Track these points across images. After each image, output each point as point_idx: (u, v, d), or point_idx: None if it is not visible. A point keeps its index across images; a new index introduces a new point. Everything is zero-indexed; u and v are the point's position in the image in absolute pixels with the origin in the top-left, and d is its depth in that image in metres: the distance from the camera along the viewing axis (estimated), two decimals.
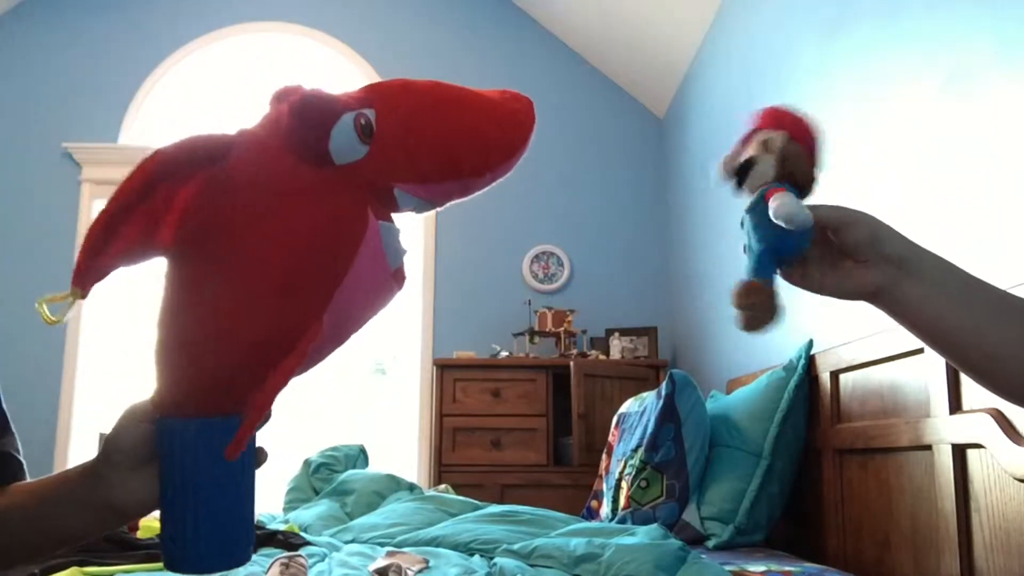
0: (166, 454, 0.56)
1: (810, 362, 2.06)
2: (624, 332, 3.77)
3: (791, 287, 0.70)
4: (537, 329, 3.70)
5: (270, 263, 0.52)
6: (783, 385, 2.05)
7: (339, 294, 0.54)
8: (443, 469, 3.37)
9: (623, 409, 2.54)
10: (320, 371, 0.62)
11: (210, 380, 0.54)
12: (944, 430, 1.43)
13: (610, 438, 2.54)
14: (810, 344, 2.09)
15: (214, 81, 4.30)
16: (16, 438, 0.72)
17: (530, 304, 3.87)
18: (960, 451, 1.39)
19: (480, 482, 3.30)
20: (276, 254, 0.52)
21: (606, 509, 2.34)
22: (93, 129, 4.16)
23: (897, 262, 0.66)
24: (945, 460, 1.42)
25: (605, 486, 2.43)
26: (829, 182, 2.15)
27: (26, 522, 0.62)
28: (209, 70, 4.31)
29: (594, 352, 3.67)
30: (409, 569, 1.44)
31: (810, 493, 2.06)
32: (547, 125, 4.70)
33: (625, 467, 2.21)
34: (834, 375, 1.94)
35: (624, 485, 2.16)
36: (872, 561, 1.72)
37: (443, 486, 2.67)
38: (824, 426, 1.98)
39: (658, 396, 2.20)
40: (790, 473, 2.05)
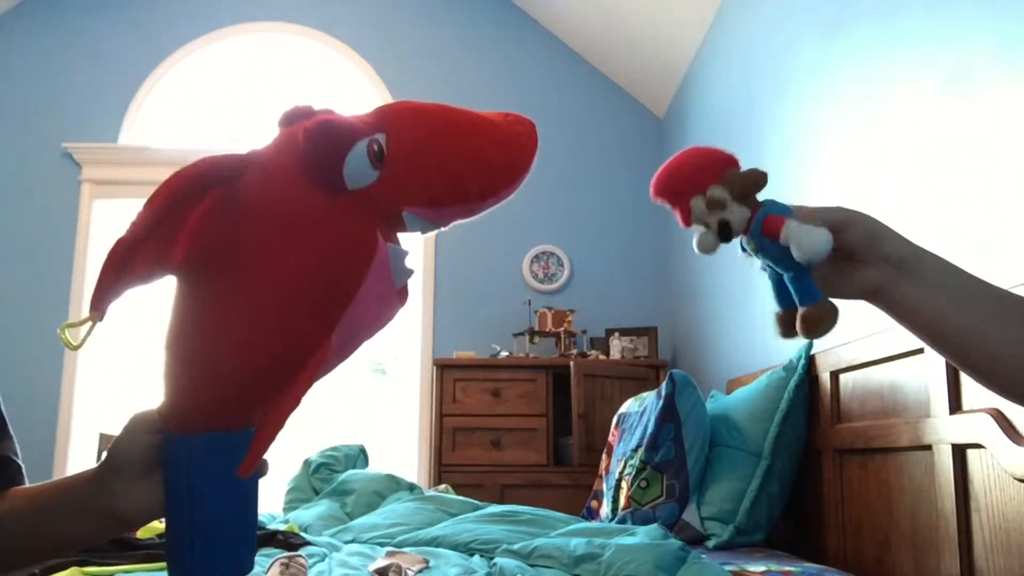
0: (173, 467, 0.57)
1: (810, 362, 2.06)
2: (624, 332, 3.77)
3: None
4: (537, 329, 3.70)
5: (282, 285, 0.54)
6: (783, 385, 2.05)
7: (347, 314, 0.55)
8: (443, 469, 3.37)
9: (623, 409, 2.54)
10: None
11: (220, 397, 0.55)
12: (944, 430, 1.43)
13: (610, 438, 2.54)
14: (810, 344, 2.09)
15: (214, 81, 4.30)
16: (15, 441, 0.72)
17: (530, 304, 3.87)
18: (960, 451, 1.39)
19: (480, 482, 3.30)
20: (288, 276, 0.54)
21: (606, 509, 2.34)
22: (93, 129, 4.16)
23: (896, 263, 0.66)
24: (945, 460, 1.42)
25: (605, 486, 2.43)
26: (830, 182, 2.16)
27: (26, 527, 0.62)
28: (209, 70, 4.31)
29: (594, 352, 3.67)
30: (409, 569, 1.44)
31: (810, 493, 2.06)
32: (547, 125, 4.68)
33: (625, 467, 2.21)
34: (834, 375, 1.94)
35: (624, 485, 2.16)
36: (872, 561, 1.72)
37: (443, 486, 2.66)
38: (824, 426, 1.98)
39: (658, 396, 2.20)
40: (790, 473, 2.05)
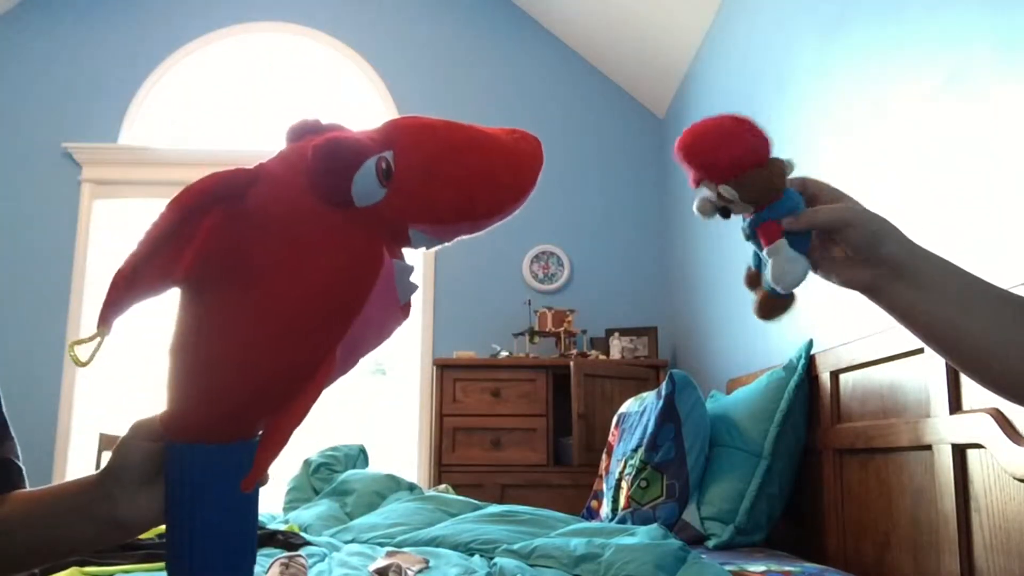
0: (174, 476, 0.57)
1: (810, 362, 2.06)
2: (624, 332, 3.77)
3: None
4: (537, 329, 3.70)
5: (289, 299, 0.54)
6: (783, 385, 2.05)
7: (352, 329, 0.56)
8: (443, 469, 3.37)
9: (623, 409, 2.54)
10: None
11: (224, 408, 0.56)
12: (944, 430, 1.43)
13: (610, 438, 2.54)
14: (810, 344, 2.09)
15: (214, 81, 4.30)
16: (16, 444, 0.72)
17: (530, 304, 3.87)
18: (960, 451, 1.39)
19: (480, 482, 3.30)
20: (295, 291, 0.54)
21: (606, 509, 2.34)
22: (93, 129, 4.16)
23: (893, 264, 0.66)
24: (945, 460, 1.42)
25: (605, 486, 2.43)
26: (829, 182, 2.16)
27: (27, 531, 0.62)
28: (209, 70, 4.31)
29: (594, 352, 3.67)
30: (409, 569, 1.44)
31: (810, 493, 2.06)
32: (547, 125, 4.69)
33: (625, 467, 2.21)
34: (834, 375, 1.94)
35: (624, 485, 2.16)
36: (872, 561, 1.72)
37: (443, 486, 2.66)
38: (824, 426, 1.98)
39: (658, 396, 2.20)
40: (790, 473, 2.05)
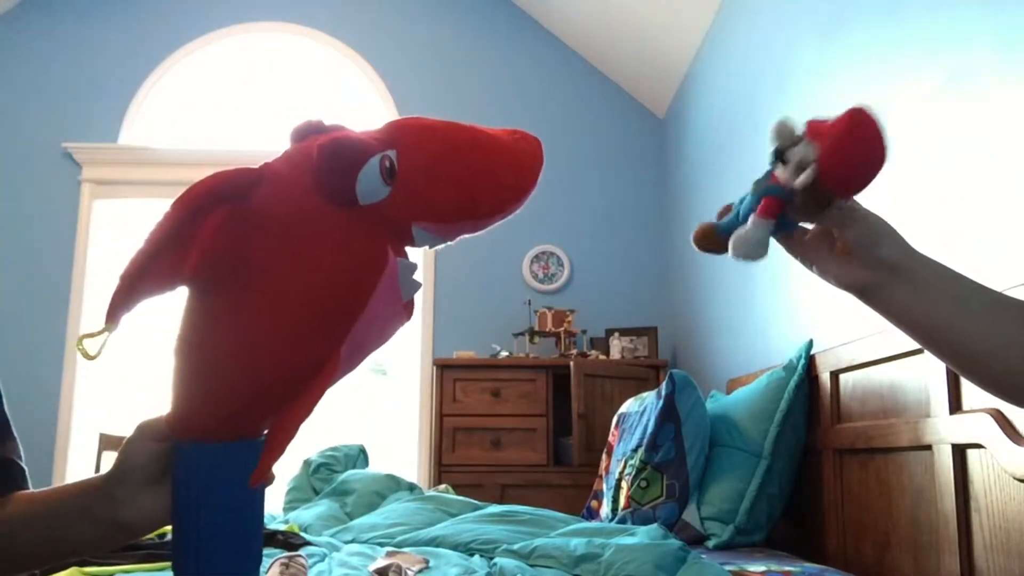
0: (181, 475, 0.57)
1: (810, 362, 2.06)
2: (624, 332, 3.77)
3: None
4: (537, 329, 3.70)
5: (294, 298, 0.54)
6: (783, 385, 2.05)
7: (356, 327, 0.56)
8: (443, 469, 3.37)
9: (623, 409, 2.54)
10: None
11: (230, 407, 0.56)
12: (944, 430, 1.43)
13: (610, 438, 2.54)
14: (810, 344, 2.09)
15: (214, 81, 4.30)
16: (18, 444, 0.72)
17: (530, 304, 3.87)
18: (960, 451, 1.39)
19: (480, 482, 3.30)
20: (299, 289, 0.54)
21: (606, 509, 2.34)
22: (93, 129, 4.16)
23: (890, 266, 0.67)
24: (945, 460, 1.42)
25: (605, 486, 2.43)
26: None
27: (31, 534, 0.62)
28: (209, 70, 4.31)
29: (594, 352, 3.67)
30: (409, 569, 1.44)
31: (810, 493, 2.06)
32: (547, 125, 4.68)
33: (625, 467, 2.21)
34: (834, 375, 1.94)
35: (624, 485, 2.16)
36: (872, 561, 1.72)
37: (443, 486, 2.66)
38: (824, 426, 1.98)
39: (658, 396, 2.20)
40: (790, 473, 2.05)
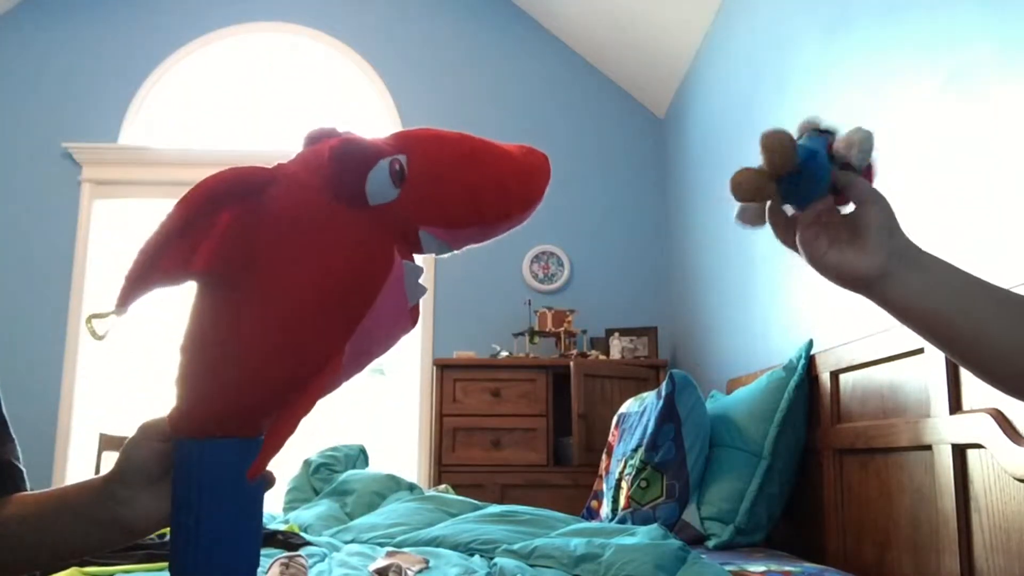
0: (182, 472, 0.57)
1: (810, 362, 2.06)
2: (624, 332, 3.77)
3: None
4: (537, 329, 3.69)
5: (299, 294, 0.55)
6: (783, 385, 2.05)
7: (361, 327, 0.57)
8: (443, 469, 3.37)
9: (623, 409, 2.54)
10: None
11: (233, 404, 0.56)
12: (944, 430, 1.43)
13: (610, 438, 2.54)
14: (810, 344, 2.09)
15: (214, 81, 4.30)
16: (16, 445, 0.72)
17: (530, 304, 3.87)
18: (960, 451, 1.39)
19: (480, 482, 3.30)
20: (306, 286, 0.55)
21: (606, 509, 2.34)
22: (93, 129, 4.16)
23: (900, 253, 0.65)
24: (945, 460, 1.42)
25: (605, 486, 2.43)
26: None
27: (31, 534, 0.62)
28: (209, 70, 4.31)
29: (594, 352, 3.67)
30: (409, 569, 1.44)
31: (810, 493, 2.06)
32: (547, 125, 4.67)
33: (625, 467, 2.21)
34: (834, 375, 1.94)
35: (624, 485, 2.16)
36: (872, 561, 1.72)
37: (443, 486, 2.66)
38: (824, 426, 1.98)
39: (658, 396, 2.20)
40: (790, 473, 2.05)
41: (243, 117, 4.26)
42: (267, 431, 0.56)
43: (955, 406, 1.42)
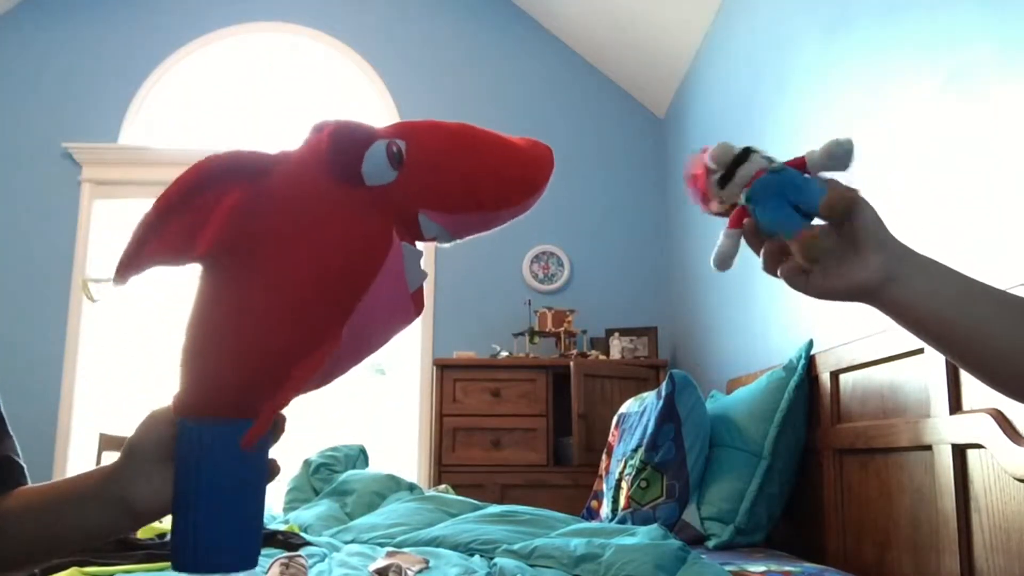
0: (183, 453, 0.58)
1: (810, 362, 2.06)
2: (624, 332, 3.77)
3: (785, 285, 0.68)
4: (537, 329, 3.69)
5: (298, 274, 0.55)
6: (783, 385, 2.05)
7: (359, 308, 0.56)
8: (443, 469, 3.37)
9: (623, 409, 2.54)
10: None
11: (232, 384, 0.57)
12: (944, 430, 1.43)
13: (610, 438, 2.54)
14: (810, 344, 2.09)
15: (214, 81, 4.30)
16: (15, 441, 0.72)
17: (530, 304, 3.87)
18: (960, 451, 1.39)
19: (480, 482, 3.30)
20: (304, 263, 0.55)
21: (606, 509, 2.34)
22: (93, 129, 4.16)
23: (899, 256, 0.64)
24: (945, 460, 1.42)
25: (605, 486, 2.43)
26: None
27: (33, 523, 0.62)
28: (209, 70, 4.31)
29: (594, 352, 3.67)
30: (409, 569, 1.44)
31: (810, 493, 2.06)
32: (548, 125, 4.67)
33: (625, 467, 2.21)
34: (834, 375, 1.94)
35: (624, 485, 2.16)
36: (872, 561, 1.72)
37: (443, 486, 2.67)
38: (824, 426, 1.98)
39: (658, 396, 2.20)
40: (790, 473, 2.05)
41: (243, 117, 4.26)
42: (263, 405, 0.57)
43: (955, 406, 1.42)
